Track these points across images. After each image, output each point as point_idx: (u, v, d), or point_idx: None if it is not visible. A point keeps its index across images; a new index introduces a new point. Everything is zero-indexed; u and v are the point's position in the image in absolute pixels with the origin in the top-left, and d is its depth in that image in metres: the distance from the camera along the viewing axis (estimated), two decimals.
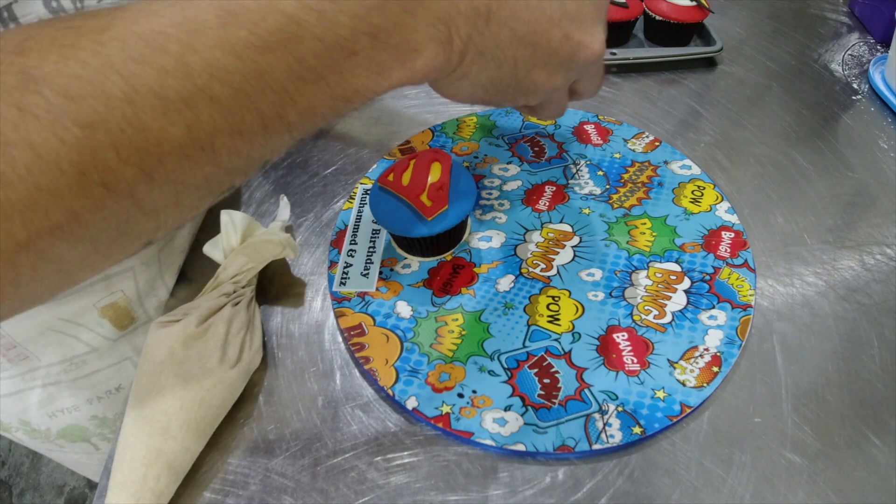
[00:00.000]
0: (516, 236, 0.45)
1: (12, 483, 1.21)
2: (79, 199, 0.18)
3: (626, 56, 0.61)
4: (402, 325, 0.40)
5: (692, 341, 0.39)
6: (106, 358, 0.45)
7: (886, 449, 0.35)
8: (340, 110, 0.23)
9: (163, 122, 0.19)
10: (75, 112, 0.17)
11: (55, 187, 0.17)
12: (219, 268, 0.41)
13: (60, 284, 0.21)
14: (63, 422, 0.48)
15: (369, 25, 0.22)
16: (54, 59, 0.18)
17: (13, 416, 0.47)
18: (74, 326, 0.41)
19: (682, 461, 0.35)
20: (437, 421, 0.35)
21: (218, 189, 0.22)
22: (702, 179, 0.49)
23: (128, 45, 0.18)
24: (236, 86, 0.20)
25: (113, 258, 0.21)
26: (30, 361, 0.42)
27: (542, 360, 0.38)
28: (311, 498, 0.34)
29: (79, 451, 0.52)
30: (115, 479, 0.32)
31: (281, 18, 0.20)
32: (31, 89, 0.17)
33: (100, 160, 0.18)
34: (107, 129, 0.18)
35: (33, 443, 0.50)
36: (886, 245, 0.46)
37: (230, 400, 0.36)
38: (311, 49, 0.21)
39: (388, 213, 0.40)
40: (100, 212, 0.19)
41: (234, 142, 0.21)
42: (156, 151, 0.19)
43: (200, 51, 0.19)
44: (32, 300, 0.21)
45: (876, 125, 0.56)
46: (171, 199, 0.21)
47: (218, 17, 0.19)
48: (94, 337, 0.43)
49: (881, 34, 0.65)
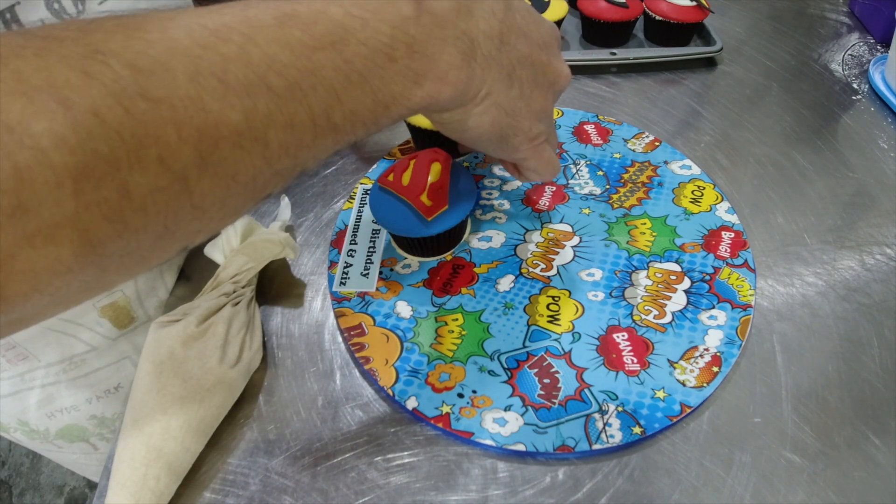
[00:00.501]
0: (516, 236, 0.45)
1: (12, 483, 1.21)
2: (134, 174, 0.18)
3: (626, 56, 0.61)
4: (402, 325, 0.40)
5: (692, 341, 0.39)
6: (105, 357, 0.45)
7: (886, 449, 0.35)
8: (379, 118, 0.25)
9: (223, 105, 0.19)
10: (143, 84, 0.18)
11: (113, 157, 0.17)
12: (219, 268, 0.41)
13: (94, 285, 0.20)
14: (62, 422, 0.48)
15: (406, 35, 0.24)
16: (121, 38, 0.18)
17: (12, 417, 0.47)
18: (74, 326, 0.41)
19: (682, 461, 0.35)
20: (437, 421, 0.35)
21: (262, 191, 0.23)
22: (702, 179, 0.49)
23: (193, 32, 0.19)
24: (291, 79, 0.21)
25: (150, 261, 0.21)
26: (29, 362, 0.42)
27: (542, 360, 0.38)
28: (311, 498, 0.34)
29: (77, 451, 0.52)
30: (115, 479, 0.32)
31: (329, 23, 0.22)
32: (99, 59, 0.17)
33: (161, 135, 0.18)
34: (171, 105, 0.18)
35: (31, 443, 0.50)
36: (886, 245, 0.46)
37: (230, 400, 0.36)
38: (356, 52, 0.23)
39: (388, 213, 0.40)
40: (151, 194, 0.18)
41: (286, 136, 0.22)
42: (213, 134, 0.19)
43: (260, 44, 0.20)
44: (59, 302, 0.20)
45: (876, 125, 0.56)
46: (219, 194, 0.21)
47: (275, 17, 0.21)
48: (94, 336, 0.43)
49: (881, 34, 0.65)
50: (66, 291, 0.19)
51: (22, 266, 0.17)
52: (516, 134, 0.33)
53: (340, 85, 0.23)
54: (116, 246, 0.19)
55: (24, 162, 0.16)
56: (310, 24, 0.22)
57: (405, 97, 0.25)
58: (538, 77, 0.32)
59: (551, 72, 0.32)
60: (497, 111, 0.31)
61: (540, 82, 0.32)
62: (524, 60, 0.30)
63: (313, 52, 0.22)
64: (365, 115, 0.24)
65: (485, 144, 0.33)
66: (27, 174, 0.16)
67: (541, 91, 0.32)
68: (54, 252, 0.17)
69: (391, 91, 0.25)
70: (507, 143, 0.33)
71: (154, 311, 0.45)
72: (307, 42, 0.22)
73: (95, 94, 0.17)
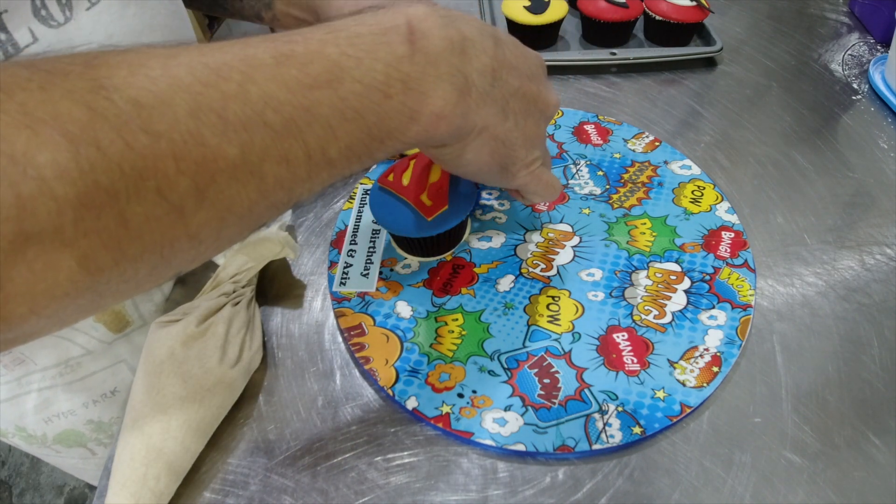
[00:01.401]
0: (516, 236, 0.45)
1: (12, 483, 1.21)
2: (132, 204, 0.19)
3: (626, 56, 0.61)
4: (402, 325, 0.40)
5: (692, 341, 0.39)
6: (101, 360, 0.45)
7: (886, 449, 0.35)
8: (375, 152, 0.26)
9: (221, 140, 0.20)
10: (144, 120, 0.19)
11: (113, 188, 0.18)
12: (218, 268, 0.41)
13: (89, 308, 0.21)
14: (59, 427, 0.48)
15: (400, 72, 0.25)
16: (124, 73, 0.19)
17: (10, 423, 0.47)
18: (70, 330, 0.42)
19: (682, 461, 0.35)
20: (437, 421, 0.35)
21: (256, 223, 0.24)
22: (702, 179, 0.49)
23: (194, 69, 0.20)
24: (287, 115, 0.22)
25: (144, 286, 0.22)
26: (26, 365, 0.42)
27: (542, 360, 0.38)
28: (311, 498, 0.34)
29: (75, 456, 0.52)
30: (115, 479, 0.32)
31: (325, 62, 0.23)
32: (102, 95, 0.18)
33: (160, 167, 0.19)
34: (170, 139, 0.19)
35: (30, 448, 0.50)
36: (886, 245, 0.46)
37: (230, 400, 0.36)
38: (351, 89, 0.24)
39: (388, 213, 0.40)
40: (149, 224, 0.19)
41: (282, 170, 0.22)
42: (211, 167, 0.20)
43: (259, 82, 0.21)
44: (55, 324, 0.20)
45: (876, 125, 0.56)
46: (215, 224, 0.21)
47: (273, 57, 0.22)
48: (89, 340, 0.43)
49: (881, 34, 0.65)
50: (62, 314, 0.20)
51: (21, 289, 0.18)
52: (514, 163, 0.34)
53: (336, 121, 0.23)
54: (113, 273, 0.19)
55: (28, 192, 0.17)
56: (306, 64, 0.23)
57: (401, 132, 0.26)
58: (529, 107, 0.33)
59: (541, 101, 0.33)
60: (495, 143, 0.31)
61: (531, 112, 0.33)
62: (516, 93, 0.31)
63: (309, 90, 0.22)
64: (360, 150, 0.25)
65: (485, 176, 0.34)
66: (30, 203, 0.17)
67: (533, 120, 0.33)
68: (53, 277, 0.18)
69: (387, 126, 0.25)
70: (506, 171, 0.34)
71: (149, 315, 0.45)
72: (303, 81, 0.22)
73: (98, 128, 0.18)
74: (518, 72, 0.31)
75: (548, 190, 0.38)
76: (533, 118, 0.33)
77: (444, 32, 0.27)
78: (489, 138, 0.31)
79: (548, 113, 0.35)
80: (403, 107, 0.25)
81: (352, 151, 0.25)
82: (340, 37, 0.24)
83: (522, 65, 0.32)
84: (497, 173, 0.34)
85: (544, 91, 0.34)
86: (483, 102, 0.29)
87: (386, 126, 0.25)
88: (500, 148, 0.32)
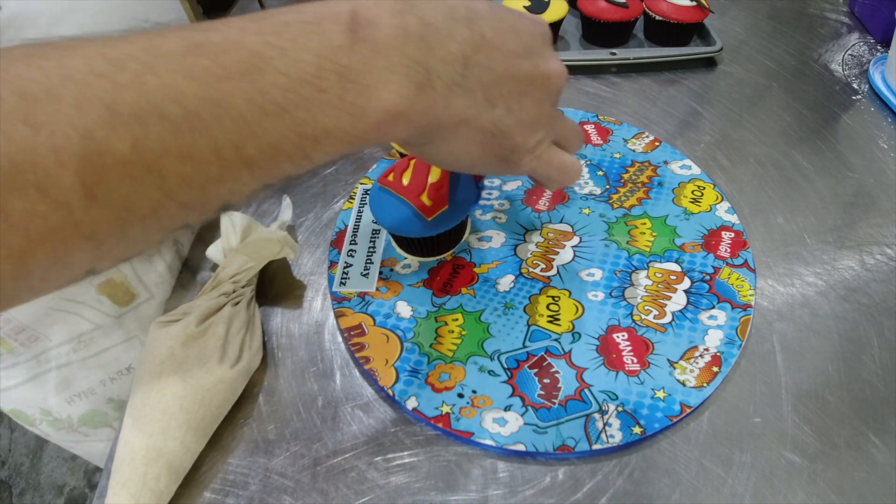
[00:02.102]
0: (516, 236, 0.45)
1: (12, 483, 1.21)
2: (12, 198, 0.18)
3: (626, 56, 0.61)
4: (402, 325, 0.40)
5: (692, 341, 0.39)
6: (112, 335, 0.45)
7: (886, 449, 0.35)
8: (310, 153, 0.23)
9: (108, 133, 0.19)
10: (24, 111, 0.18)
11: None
12: (218, 268, 0.41)
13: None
14: (82, 407, 0.48)
15: (336, 64, 0.22)
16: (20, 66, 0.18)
17: (34, 406, 0.48)
18: (76, 304, 0.42)
19: (682, 461, 0.35)
20: (437, 421, 0.35)
21: (170, 224, 0.22)
22: (702, 179, 0.49)
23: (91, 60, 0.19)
24: (190, 107, 0.20)
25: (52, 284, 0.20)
26: (41, 342, 0.43)
27: (542, 360, 0.38)
28: (311, 498, 0.34)
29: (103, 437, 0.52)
30: (115, 479, 0.32)
31: (242, 51, 0.21)
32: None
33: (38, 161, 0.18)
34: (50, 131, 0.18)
35: (58, 435, 0.51)
36: (886, 245, 0.46)
37: (230, 400, 0.36)
38: (275, 81, 0.21)
39: (388, 213, 0.40)
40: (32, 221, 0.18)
41: (185, 167, 0.20)
42: (97, 161, 0.19)
43: (160, 72, 0.20)
44: None
45: (876, 125, 0.56)
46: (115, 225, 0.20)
47: (183, 46, 0.20)
48: (97, 314, 0.43)
49: (881, 34, 0.65)
50: None
51: None
52: (514, 151, 0.31)
53: (253, 116, 0.21)
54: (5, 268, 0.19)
55: None
56: (219, 53, 0.21)
57: (343, 131, 0.23)
58: (524, 87, 0.30)
59: (539, 76, 0.30)
60: (482, 135, 0.29)
61: (528, 92, 0.30)
62: (502, 77, 0.28)
63: (220, 80, 0.20)
64: (291, 150, 0.23)
65: (484, 168, 0.32)
66: None
67: (532, 100, 0.30)
68: None
69: (322, 124, 0.23)
70: (507, 161, 0.31)
71: (154, 287, 0.45)
72: (214, 71, 0.20)
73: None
74: (502, 52, 0.28)
75: (561, 173, 0.34)
76: (531, 98, 0.30)
77: (397, 20, 0.24)
78: (473, 130, 0.28)
79: (552, 87, 0.31)
80: (342, 102, 0.23)
81: (277, 150, 0.22)
82: (265, 25, 0.22)
83: (510, 42, 0.29)
84: (496, 164, 0.31)
85: (543, 64, 0.30)
86: (453, 94, 0.26)
87: (321, 124, 0.23)
88: (490, 139, 0.29)
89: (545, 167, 0.33)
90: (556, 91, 0.32)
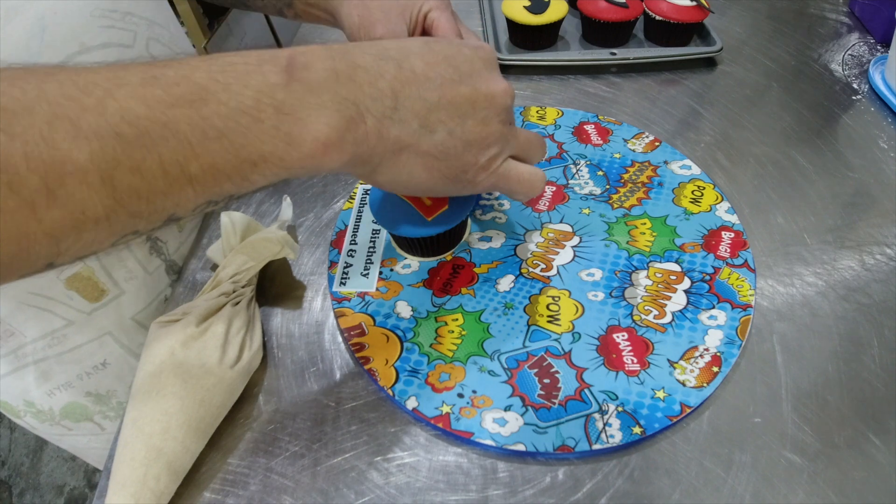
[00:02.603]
0: (516, 236, 0.45)
1: (12, 483, 1.21)
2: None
3: (626, 56, 0.61)
4: (402, 325, 0.40)
5: (692, 341, 0.39)
6: (85, 332, 0.45)
7: (886, 449, 0.35)
8: (248, 174, 0.26)
9: (71, 145, 0.22)
10: (5, 122, 0.21)
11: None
12: (218, 267, 0.41)
13: None
14: (62, 399, 0.49)
15: (272, 98, 0.26)
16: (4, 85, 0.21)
17: (18, 398, 0.48)
18: (46, 300, 0.42)
19: (682, 461, 0.35)
20: (437, 421, 0.35)
21: (120, 230, 0.24)
22: (702, 179, 0.49)
23: (63, 85, 0.22)
24: (141, 128, 0.23)
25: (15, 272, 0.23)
26: (16, 338, 0.43)
27: (542, 360, 0.38)
28: (311, 498, 0.34)
29: (86, 432, 0.52)
30: (115, 479, 0.32)
31: (191, 84, 0.25)
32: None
33: (11, 164, 0.21)
34: (24, 140, 0.21)
35: (42, 427, 0.51)
36: (886, 245, 0.46)
37: (230, 400, 0.36)
38: (216, 110, 0.25)
39: (388, 213, 0.40)
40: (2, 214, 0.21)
41: (134, 180, 0.23)
42: (60, 169, 0.22)
43: (119, 98, 0.23)
44: None
45: (876, 125, 0.56)
46: (70, 225, 0.23)
47: (141, 78, 0.24)
48: (68, 310, 0.44)
49: (881, 34, 0.65)
50: None
51: None
52: (465, 170, 0.33)
53: (195, 138, 0.24)
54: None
55: None
56: (171, 85, 0.24)
57: (278, 157, 0.26)
58: (465, 110, 0.32)
59: (481, 97, 0.32)
60: (425, 159, 0.31)
61: (469, 113, 0.32)
62: (437, 104, 0.31)
63: (169, 107, 0.24)
64: (230, 171, 0.25)
65: (440, 190, 0.34)
66: None
67: (475, 120, 0.32)
68: None
69: (259, 150, 0.26)
70: (461, 181, 0.34)
71: (124, 283, 0.45)
72: (165, 99, 0.24)
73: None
74: (434, 83, 0.31)
75: (523, 185, 0.36)
76: (474, 119, 0.32)
77: (328, 64, 0.28)
78: (415, 156, 0.31)
79: (496, 106, 0.33)
80: (277, 131, 0.26)
81: (218, 170, 0.25)
82: (214, 65, 0.26)
83: (445, 71, 0.31)
84: (451, 185, 0.34)
85: (483, 86, 0.32)
86: (385, 126, 0.29)
87: (258, 149, 0.26)
88: (435, 162, 0.32)
89: (504, 181, 0.35)
90: (504, 108, 0.34)
